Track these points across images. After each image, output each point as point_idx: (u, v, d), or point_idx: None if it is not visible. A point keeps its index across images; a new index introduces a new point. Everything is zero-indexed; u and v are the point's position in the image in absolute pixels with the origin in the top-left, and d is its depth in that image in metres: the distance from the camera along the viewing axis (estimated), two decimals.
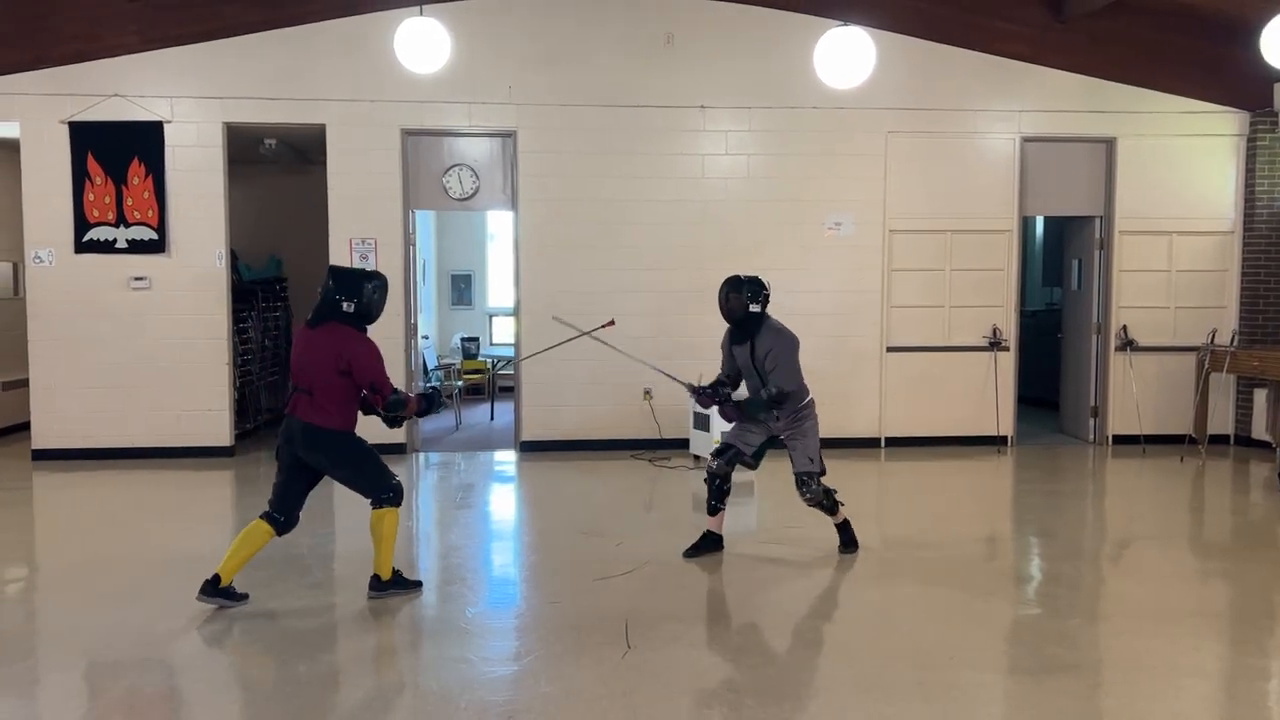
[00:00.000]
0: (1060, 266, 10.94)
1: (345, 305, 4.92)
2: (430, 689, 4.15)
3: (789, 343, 5.72)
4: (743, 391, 6.02)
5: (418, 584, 5.30)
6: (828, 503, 5.89)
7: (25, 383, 9.16)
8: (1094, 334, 9.89)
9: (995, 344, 9.57)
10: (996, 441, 9.56)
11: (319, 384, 4.89)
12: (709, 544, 5.98)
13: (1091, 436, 9.93)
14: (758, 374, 5.76)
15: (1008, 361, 9.63)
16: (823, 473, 5.81)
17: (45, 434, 8.89)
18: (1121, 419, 9.71)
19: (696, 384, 6.00)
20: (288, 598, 5.18)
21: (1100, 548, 6.53)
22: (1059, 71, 9.39)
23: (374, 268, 8.02)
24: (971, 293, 9.57)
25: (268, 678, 4.22)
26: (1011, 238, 9.58)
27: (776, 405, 5.69)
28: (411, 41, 7.44)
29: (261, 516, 5.01)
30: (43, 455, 8.85)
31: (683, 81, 9.19)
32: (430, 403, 5.27)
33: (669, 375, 6.40)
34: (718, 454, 5.98)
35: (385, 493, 5.03)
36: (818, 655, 4.46)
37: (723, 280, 5.79)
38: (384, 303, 5.09)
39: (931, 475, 8.58)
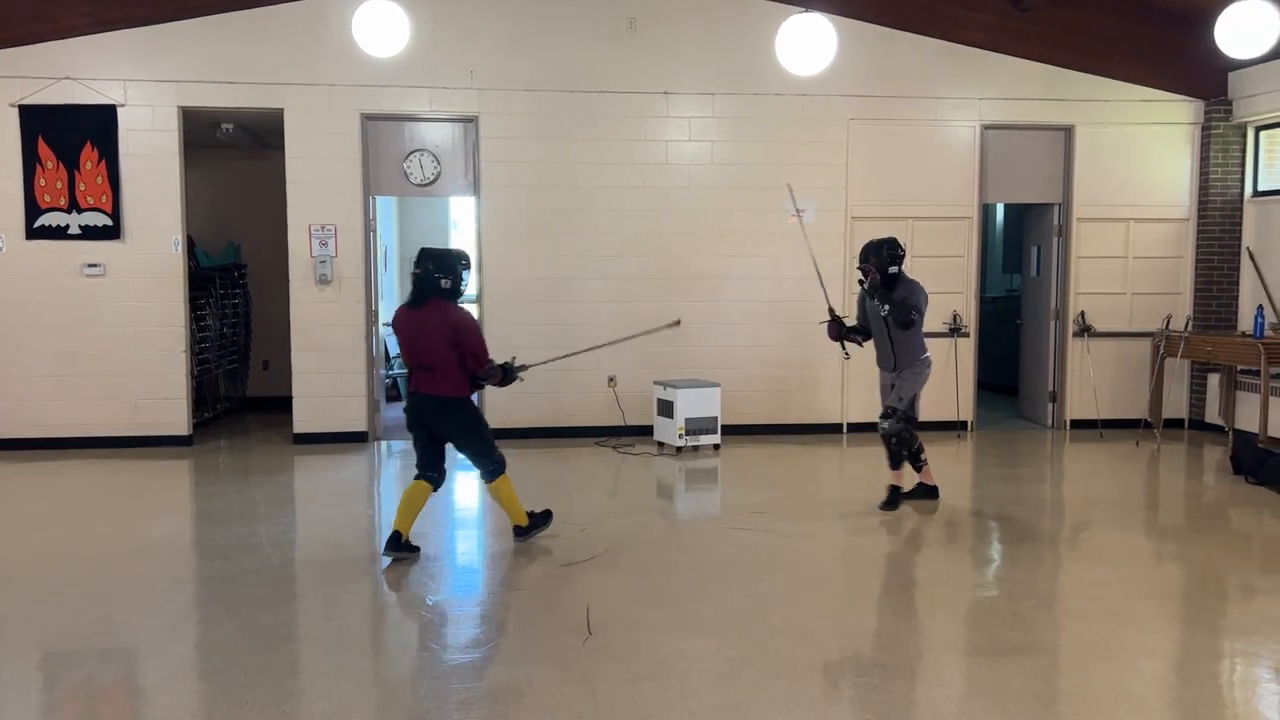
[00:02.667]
0: (1020, 253, 11.05)
1: (444, 282, 5.47)
2: (390, 677, 4.13)
3: (919, 289, 6.42)
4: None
5: (547, 514, 5.98)
6: (895, 446, 6.57)
7: None
8: (1052, 320, 10.01)
9: (956, 330, 9.66)
10: (957, 426, 9.66)
11: (438, 358, 5.42)
12: (924, 492, 6.81)
13: (1050, 421, 10.06)
14: (888, 331, 6.47)
15: (968, 347, 9.72)
16: (910, 418, 6.54)
17: None
18: (1079, 404, 9.85)
19: (837, 316, 6.72)
20: (247, 588, 5.13)
21: (1057, 531, 6.62)
22: (1019, 59, 9.47)
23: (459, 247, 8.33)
24: (932, 279, 9.48)
25: (227, 668, 4.18)
26: (972, 224, 9.66)
27: (907, 318, 6.30)
28: (370, 24, 7.35)
29: (417, 477, 5.62)
30: None
31: (646, 67, 9.16)
32: (512, 374, 5.74)
33: (825, 289, 7.01)
34: (886, 416, 6.63)
35: (493, 465, 5.68)
36: (778, 638, 4.48)
37: (865, 242, 6.57)
38: (469, 277, 5.69)
39: None
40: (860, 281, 6.65)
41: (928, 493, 6.82)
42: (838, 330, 6.70)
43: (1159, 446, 8.99)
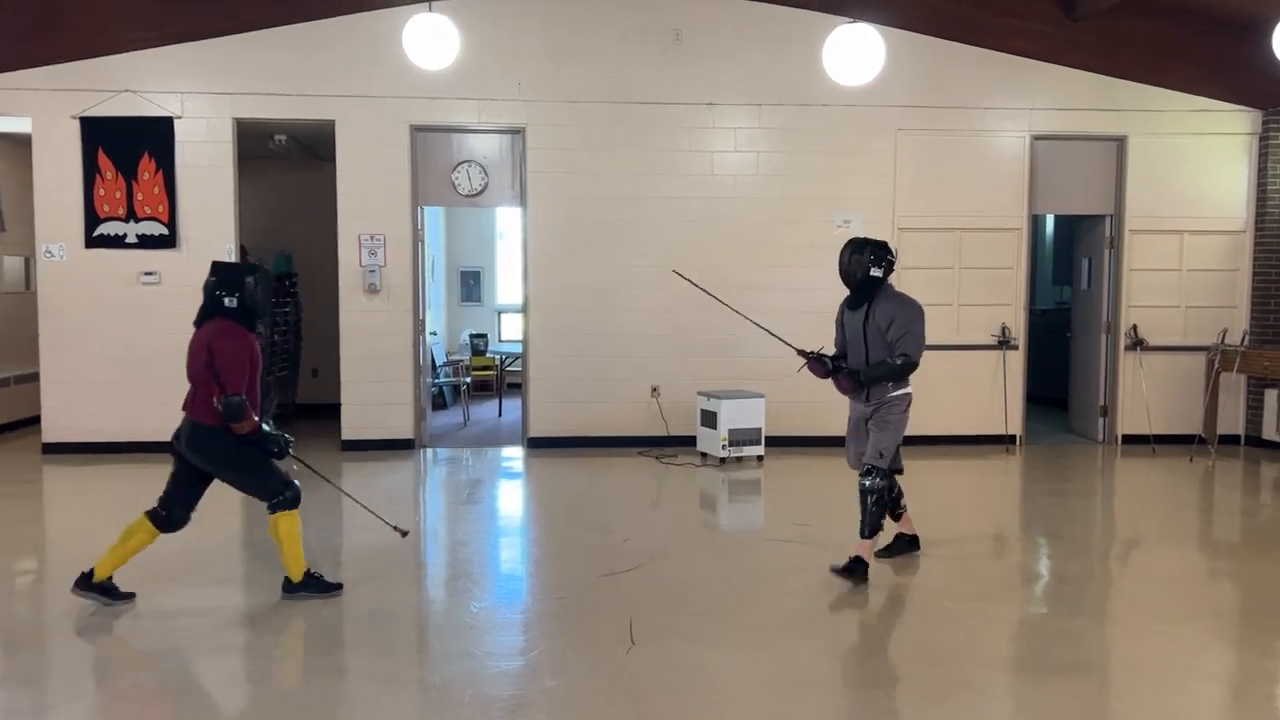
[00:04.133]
0: (1070, 265, 10.89)
1: (227, 301, 4.81)
2: (434, 683, 4.16)
3: (914, 310, 5.38)
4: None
5: (337, 586, 5.09)
6: (873, 505, 5.38)
7: (36, 376, 9.21)
8: (1104, 333, 9.85)
9: (1004, 343, 9.54)
10: (1005, 440, 9.53)
11: (198, 380, 4.83)
12: (905, 544, 5.82)
13: (1101, 436, 9.89)
14: (866, 344, 5.44)
15: (1017, 360, 9.59)
16: (894, 470, 5.55)
17: (55, 427, 8.93)
18: (1131, 418, 9.67)
19: (813, 352, 5.65)
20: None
21: (1108, 547, 6.50)
22: (1070, 69, 9.35)
23: (258, 261, 8.43)
24: (981, 291, 9.54)
25: (278, 672, 4.24)
26: (1021, 236, 9.54)
27: (903, 375, 5.35)
28: (421, 37, 7.46)
29: (146, 513, 4.96)
30: (53, 449, 8.89)
31: (692, 78, 9.17)
32: (267, 440, 4.95)
33: (781, 339, 6.02)
34: (866, 475, 5.47)
35: (277, 495, 4.94)
36: (824, 652, 4.45)
37: (845, 241, 5.57)
38: (269, 296, 5.00)
39: (940, 474, 8.55)
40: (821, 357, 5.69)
41: (909, 544, 5.85)
42: (822, 367, 5.60)
43: (1213, 463, 8.80)
